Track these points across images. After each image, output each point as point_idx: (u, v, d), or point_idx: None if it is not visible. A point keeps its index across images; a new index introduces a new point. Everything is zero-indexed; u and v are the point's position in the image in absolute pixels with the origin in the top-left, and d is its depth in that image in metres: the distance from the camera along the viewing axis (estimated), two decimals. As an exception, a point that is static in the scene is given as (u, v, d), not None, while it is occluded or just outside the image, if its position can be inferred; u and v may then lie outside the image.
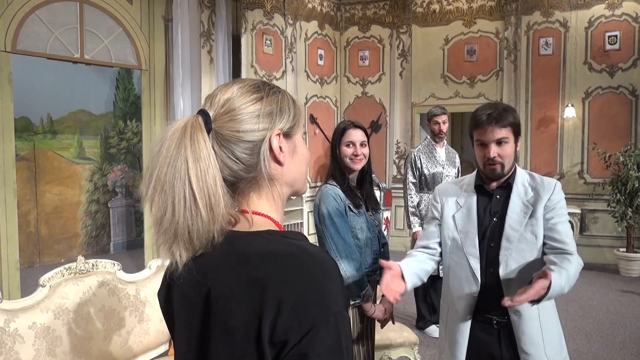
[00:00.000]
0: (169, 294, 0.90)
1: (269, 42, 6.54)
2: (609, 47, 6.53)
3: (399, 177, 7.50)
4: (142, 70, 5.64)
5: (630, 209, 5.89)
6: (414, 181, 4.08)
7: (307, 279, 0.74)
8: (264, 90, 0.86)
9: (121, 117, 7.84)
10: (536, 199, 1.79)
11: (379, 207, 2.48)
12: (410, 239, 4.39)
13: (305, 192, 1.04)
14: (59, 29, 4.87)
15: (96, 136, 7.56)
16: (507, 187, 1.84)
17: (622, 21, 6.48)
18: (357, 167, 2.29)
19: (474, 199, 1.87)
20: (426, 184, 4.06)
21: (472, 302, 1.81)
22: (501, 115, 1.76)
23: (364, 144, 2.29)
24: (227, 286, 0.77)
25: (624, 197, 5.92)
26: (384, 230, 7.12)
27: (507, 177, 1.84)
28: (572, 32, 6.68)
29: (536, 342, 1.75)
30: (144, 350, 2.40)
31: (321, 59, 7.50)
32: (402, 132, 7.60)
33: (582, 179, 6.71)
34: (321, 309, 0.72)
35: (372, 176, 2.44)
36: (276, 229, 0.85)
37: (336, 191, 2.24)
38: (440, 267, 2.01)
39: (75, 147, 7.29)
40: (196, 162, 0.76)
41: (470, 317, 1.82)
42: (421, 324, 4.22)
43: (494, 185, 1.86)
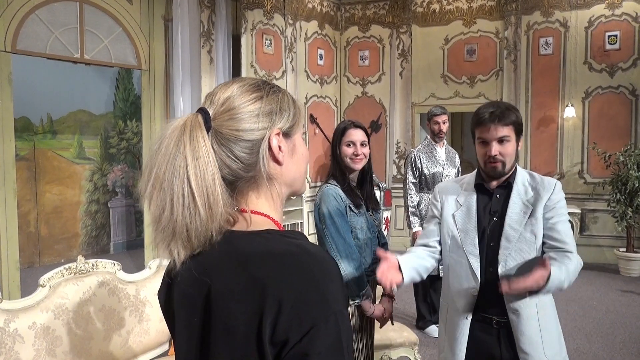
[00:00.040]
0: (169, 294, 0.90)
1: (268, 42, 6.54)
2: (609, 46, 6.53)
3: (399, 177, 7.50)
4: (142, 70, 5.64)
5: (630, 209, 5.88)
6: (414, 181, 4.09)
7: (307, 278, 0.74)
8: (264, 89, 0.86)
9: (121, 117, 7.84)
10: (536, 198, 1.79)
11: (379, 207, 2.48)
12: (410, 239, 4.39)
13: (304, 192, 1.04)
14: (59, 29, 4.87)
15: (96, 136, 7.56)
16: (507, 186, 1.85)
17: (622, 21, 6.47)
18: (358, 166, 2.29)
19: (474, 198, 1.87)
20: (426, 183, 4.06)
21: (472, 301, 1.81)
22: (504, 113, 1.76)
23: (365, 144, 2.29)
24: (227, 286, 0.76)
25: (624, 197, 5.92)
26: (384, 230, 7.11)
27: (507, 177, 1.84)
28: (572, 32, 6.68)
29: (535, 341, 1.74)
30: (144, 350, 2.40)
31: (321, 59, 7.50)
32: (402, 132, 7.60)
33: (582, 178, 6.71)
34: (321, 308, 0.72)
35: (372, 176, 2.44)
36: (276, 228, 0.85)
37: (337, 191, 2.24)
38: (440, 266, 2.01)
39: (75, 147, 7.29)
40: (195, 160, 0.76)
41: (469, 316, 1.82)
42: (421, 324, 4.22)
43: (494, 184, 1.86)
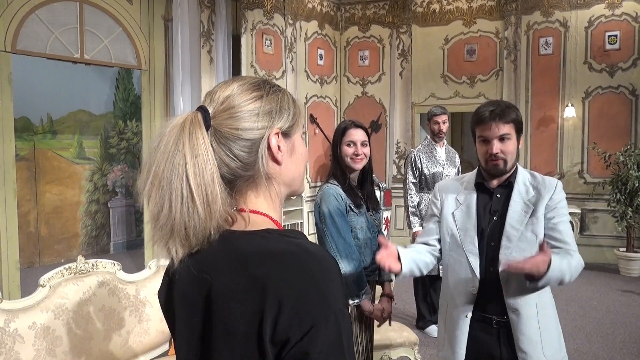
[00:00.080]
0: (169, 294, 0.90)
1: (268, 42, 6.54)
2: (608, 46, 6.53)
3: (399, 177, 7.50)
4: (142, 70, 5.64)
5: (630, 209, 5.88)
6: (414, 181, 4.09)
7: (307, 278, 0.74)
8: (264, 88, 0.85)
9: (121, 117, 7.83)
10: (537, 198, 1.78)
11: (380, 207, 2.48)
12: (410, 239, 4.39)
13: (302, 192, 1.04)
14: (59, 29, 4.87)
15: (96, 136, 7.56)
16: (508, 185, 1.84)
17: (622, 21, 6.47)
18: (358, 166, 2.29)
19: (474, 197, 1.87)
20: (426, 183, 4.06)
21: (471, 300, 1.81)
22: (504, 111, 1.77)
23: (365, 144, 2.29)
24: (227, 286, 0.76)
25: (624, 197, 5.92)
26: (384, 230, 7.11)
27: (508, 176, 1.84)
28: (572, 32, 6.68)
29: (534, 341, 1.74)
30: (144, 350, 2.40)
31: (321, 59, 7.50)
32: (402, 132, 7.60)
33: (582, 178, 6.71)
34: (322, 307, 0.72)
35: (373, 176, 2.44)
36: (275, 227, 0.85)
37: (337, 190, 2.24)
38: (440, 266, 2.01)
39: (75, 147, 7.29)
40: (194, 158, 0.76)
41: (469, 314, 1.82)
42: (421, 324, 4.22)
43: (494, 183, 1.86)
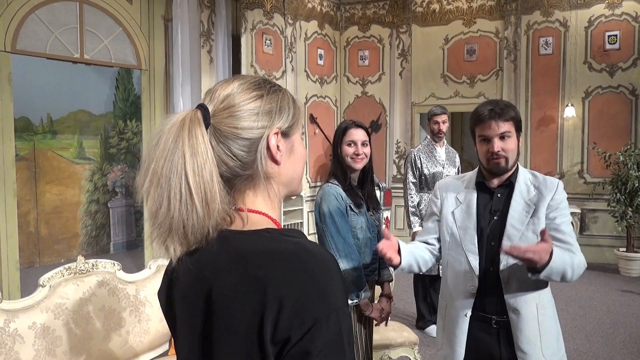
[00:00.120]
0: (169, 294, 0.90)
1: (268, 42, 6.54)
2: (608, 46, 6.53)
3: (399, 176, 7.50)
4: (142, 70, 5.64)
5: (630, 209, 5.88)
6: (414, 181, 4.09)
7: (308, 276, 0.73)
8: (265, 88, 0.85)
9: (121, 117, 7.83)
10: (539, 198, 1.78)
11: (380, 206, 2.47)
12: (410, 239, 4.39)
13: (301, 192, 1.03)
14: (59, 29, 4.87)
15: (96, 136, 7.56)
16: (508, 185, 1.84)
17: (622, 21, 6.47)
18: (359, 166, 2.29)
19: (474, 196, 1.87)
20: (426, 183, 4.06)
21: (471, 299, 1.81)
22: (503, 110, 1.77)
23: (365, 144, 2.29)
24: (227, 286, 0.76)
25: (624, 197, 5.92)
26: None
27: (509, 175, 1.84)
28: (572, 32, 6.68)
29: (533, 341, 1.74)
30: (144, 350, 2.40)
31: (321, 59, 7.50)
32: (402, 132, 7.59)
33: (582, 178, 6.71)
34: (322, 306, 0.72)
35: (373, 176, 2.44)
36: (274, 227, 0.84)
37: (337, 190, 2.24)
38: (440, 266, 2.01)
39: (75, 147, 7.29)
40: (193, 156, 0.76)
41: (468, 313, 1.81)
42: (421, 324, 4.22)
43: (495, 182, 1.85)
